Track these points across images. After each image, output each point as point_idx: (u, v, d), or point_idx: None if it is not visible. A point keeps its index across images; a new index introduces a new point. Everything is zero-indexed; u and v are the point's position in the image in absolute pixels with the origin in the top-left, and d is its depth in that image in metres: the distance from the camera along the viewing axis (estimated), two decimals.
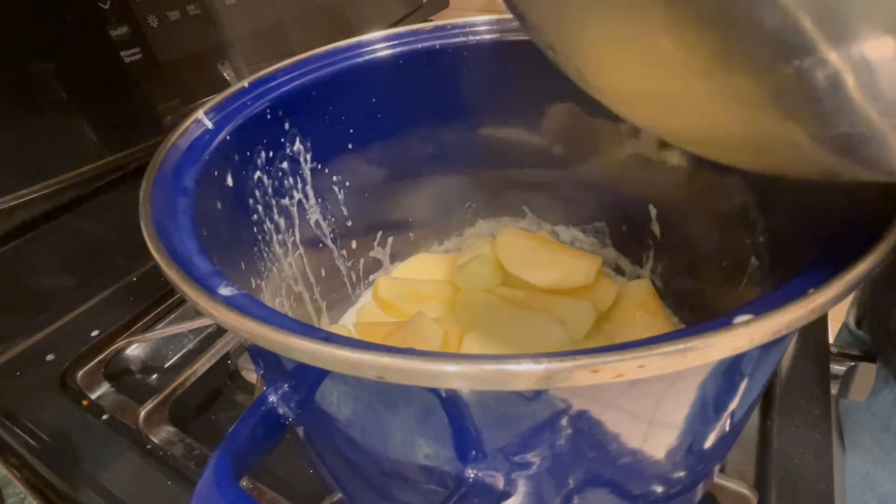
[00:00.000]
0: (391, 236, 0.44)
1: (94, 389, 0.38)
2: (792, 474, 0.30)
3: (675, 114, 0.17)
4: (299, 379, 0.21)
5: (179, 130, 0.28)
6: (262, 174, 0.32)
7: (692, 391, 0.19)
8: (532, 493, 0.21)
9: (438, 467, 0.21)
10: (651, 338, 0.15)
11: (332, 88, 0.35)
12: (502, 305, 0.39)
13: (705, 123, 0.16)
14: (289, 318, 0.17)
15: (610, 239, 0.44)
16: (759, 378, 0.22)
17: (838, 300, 0.15)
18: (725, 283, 0.31)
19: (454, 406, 0.18)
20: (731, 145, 0.17)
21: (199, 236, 0.22)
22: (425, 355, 0.15)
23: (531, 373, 0.14)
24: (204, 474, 0.19)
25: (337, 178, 0.38)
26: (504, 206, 0.46)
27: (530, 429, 0.18)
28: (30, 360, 0.40)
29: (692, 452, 0.22)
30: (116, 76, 0.45)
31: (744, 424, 0.26)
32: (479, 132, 0.41)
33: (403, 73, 0.37)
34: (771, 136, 0.14)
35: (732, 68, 0.13)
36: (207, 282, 0.19)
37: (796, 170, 0.17)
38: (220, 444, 0.19)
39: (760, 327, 0.15)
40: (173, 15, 0.48)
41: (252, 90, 0.32)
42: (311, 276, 0.38)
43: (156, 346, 0.42)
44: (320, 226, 0.38)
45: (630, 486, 0.23)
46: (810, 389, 0.34)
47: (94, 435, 0.35)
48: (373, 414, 0.20)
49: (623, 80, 0.17)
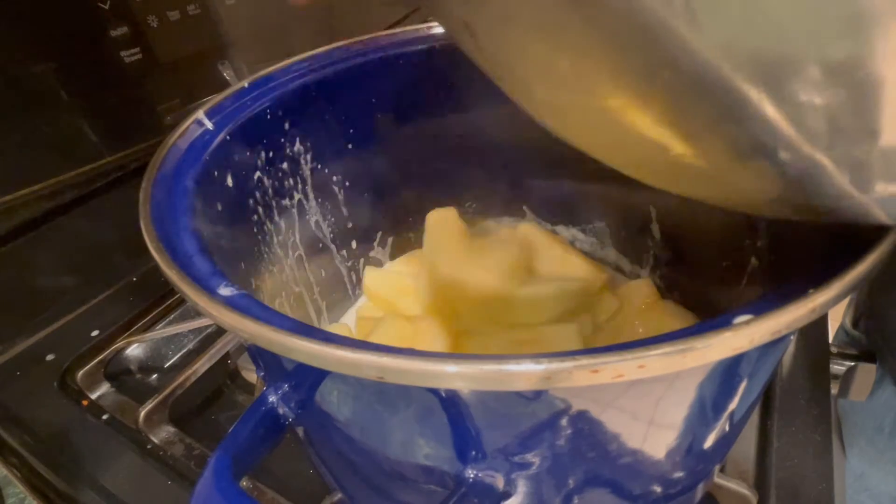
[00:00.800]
0: (391, 236, 0.44)
1: (94, 389, 0.38)
2: (792, 474, 0.30)
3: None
4: (299, 379, 0.21)
5: (179, 130, 0.28)
6: (262, 174, 0.32)
7: (692, 391, 0.19)
8: (532, 493, 0.21)
9: (438, 467, 0.21)
10: (651, 338, 0.15)
11: (332, 88, 0.35)
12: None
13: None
14: (289, 318, 0.17)
15: (610, 239, 0.44)
16: (759, 378, 0.22)
17: (838, 300, 0.15)
18: (725, 283, 0.31)
19: (454, 406, 0.18)
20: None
21: (199, 236, 0.22)
22: (425, 355, 0.15)
23: (531, 373, 0.14)
24: (204, 474, 0.19)
25: (337, 178, 0.38)
26: (504, 206, 0.46)
27: (530, 429, 0.18)
28: (30, 360, 0.40)
29: (692, 452, 0.22)
30: (116, 76, 0.45)
31: (744, 424, 0.26)
32: (479, 132, 0.41)
33: (403, 73, 0.37)
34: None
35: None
36: (207, 282, 0.19)
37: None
38: (220, 444, 0.19)
39: (760, 327, 0.15)
40: (173, 15, 0.48)
41: (252, 90, 0.32)
42: (310, 277, 0.38)
43: (156, 346, 0.42)
44: (320, 226, 0.38)
45: (630, 487, 0.23)
46: (810, 389, 0.34)
47: (93, 435, 0.35)
48: (373, 414, 0.20)
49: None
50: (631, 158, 0.17)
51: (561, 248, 0.42)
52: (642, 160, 0.17)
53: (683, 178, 0.16)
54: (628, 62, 0.12)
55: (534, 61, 0.15)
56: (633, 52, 0.12)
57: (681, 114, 0.13)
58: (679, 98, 0.12)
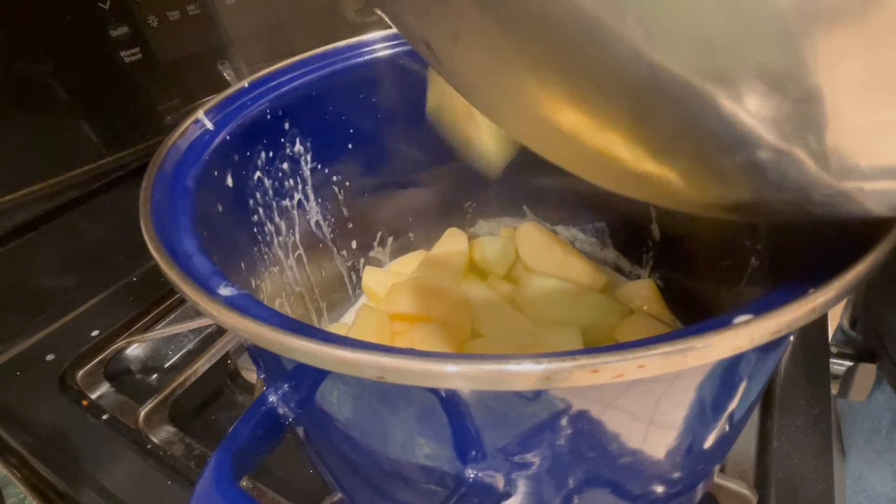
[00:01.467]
0: (391, 236, 0.44)
1: (94, 389, 0.38)
2: (792, 474, 0.30)
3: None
4: (299, 379, 0.21)
5: (179, 130, 0.28)
6: (263, 174, 0.32)
7: (692, 391, 0.19)
8: (532, 493, 0.21)
9: (438, 467, 0.21)
10: (651, 338, 0.15)
11: (332, 88, 0.35)
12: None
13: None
14: (289, 318, 0.17)
15: (610, 239, 0.44)
16: (759, 378, 0.22)
17: (838, 300, 0.15)
18: (725, 283, 0.31)
19: (454, 406, 0.18)
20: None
21: (199, 236, 0.22)
22: (425, 355, 0.15)
23: (531, 373, 0.14)
24: (204, 474, 0.19)
25: (337, 178, 0.38)
26: (504, 206, 0.46)
27: (530, 429, 0.18)
28: (30, 360, 0.40)
29: (692, 452, 0.22)
30: (116, 76, 0.45)
31: (743, 425, 0.26)
32: None
33: (403, 73, 0.37)
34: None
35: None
36: (207, 282, 0.19)
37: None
38: (220, 444, 0.19)
39: (760, 327, 0.15)
40: (173, 15, 0.48)
41: (252, 90, 0.32)
42: (310, 277, 0.38)
43: (156, 346, 0.42)
44: (320, 226, 0.38)
45: (630, 486, 0.23)
46: (810, 389, 0.34)
47: (94, 435, 0.35)
48: (373, 414, 0.20)
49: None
50: (595, 169, 0.17)
51: (561, 249, 0.42)
52: (606, 171, 0.16)
53: (652, 188, 0.16)
54: (584, 77, 0.12)
55: (487, 78, 0.15)
56: (588, 66, 0.12)
57: (639, 124, 0.13)
58: (639, 112, 0.12)
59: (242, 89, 0.31)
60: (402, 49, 0.37)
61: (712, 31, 0.10)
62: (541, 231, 0.43)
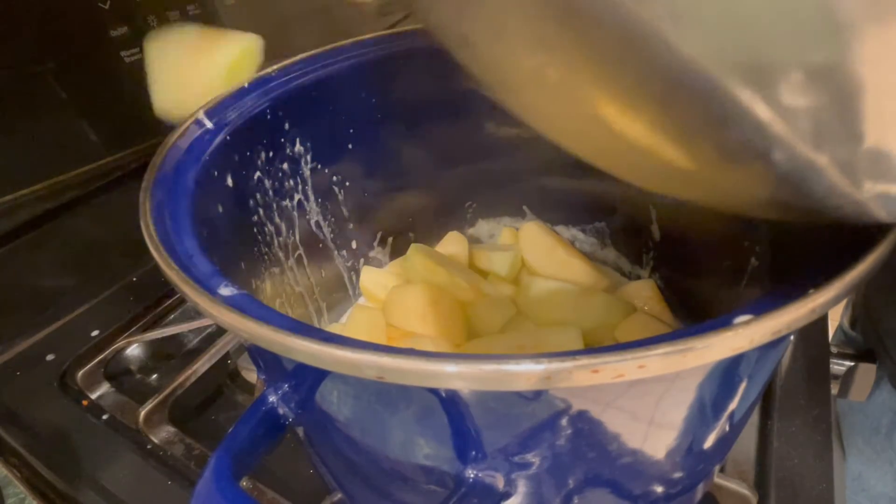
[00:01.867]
0: (391, 236, 0.44)
1: (94, 389, 0.38)
2: (792, 474, 0.30)
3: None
4: (299, 379, 0.21)
5: (179, 130, 0.28)
6: (263, 175, 0.32)
7: (692, 391, 0.19)
8: (532, 493, 0.21)
9: (438, 467, 0.21)
10: (651, 338, 0.15)
11: (332, 88, 0.35)
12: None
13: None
14: (289, 318, 0.17)
15: (610, 239, 0.44)
16: (759, 378, 0.22)
17: (838, 300, 0.15)
18: (725, 284, 0.31)
19: (454, 406, 0.18)
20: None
21: (199, 236, 0.22)
22: (425, 355, 0.15)
23: (531, 373, 0.14)
24: (204, 474, 0.19)
25: (337, 178, 0.38)
26: (504, 206, 0.46)
27: (530, 429, 0.18)
28: (30, 360, 0.40)
29: (692, 452, 0.22)
30: (116, 76, 0.45)
31: (743, 425, 0.26)
32: (479, 132, 0.41)
33: (403, 73, 0.37)
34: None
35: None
36: (207, 282, 0.19)
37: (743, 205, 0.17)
38: (220, 444, 0.19)
39: (760, 327, 0.15)
40: (173, 15, 0.48)
41: (252, 90, 0.32)
42: (311, 277, 0.38)
43: (156, 346, 0.42)
44: (320, 226, 0.38)
45: (630, 487, 0.23)
46: (810, 389, 0.34)
47: (94, 435, 0.35)
48: (373, 414, 0.20)
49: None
50: (622, 163, 0.17)
51: (562, 250, 0.42)
52: (633, 164, 0.17)
53: (674, 181, 0.16)
54: (618, 71, 0.12)
55: (525, 72, 0.15)
56: (623, 62, 0.12)
57: (670, 119, 0.13)
58: (668, 103, 0.12)
59: (242, 89, 0.31)
60: (402, 49, 0.37)
61: (751, 22, 0.10)
62: (544, 231, 0.43)
